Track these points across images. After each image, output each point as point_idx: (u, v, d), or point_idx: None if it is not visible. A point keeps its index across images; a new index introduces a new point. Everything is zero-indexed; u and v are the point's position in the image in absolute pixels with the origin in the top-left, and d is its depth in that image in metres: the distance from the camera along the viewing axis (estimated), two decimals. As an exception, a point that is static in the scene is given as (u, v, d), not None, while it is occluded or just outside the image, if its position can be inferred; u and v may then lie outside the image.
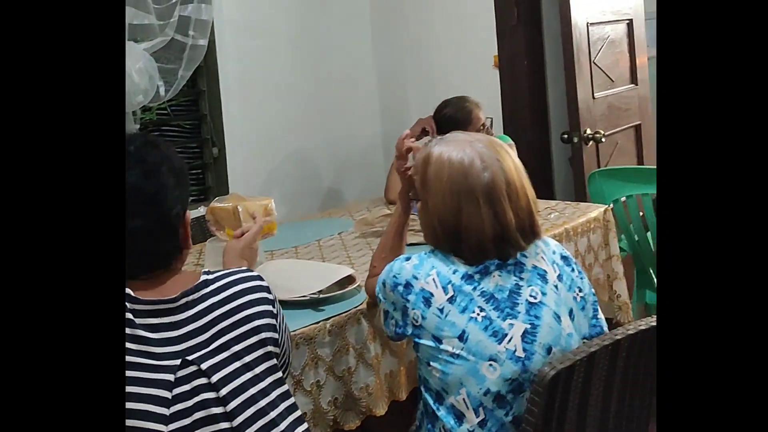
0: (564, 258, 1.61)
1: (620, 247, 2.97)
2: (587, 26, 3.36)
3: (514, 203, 1.51)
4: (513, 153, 1.60)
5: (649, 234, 2.92)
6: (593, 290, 1.65)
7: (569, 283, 1.58)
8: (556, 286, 1.54)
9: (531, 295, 1.51)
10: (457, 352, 1.48)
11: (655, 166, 3.47)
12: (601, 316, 1.64)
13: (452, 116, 2.92)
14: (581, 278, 1.61)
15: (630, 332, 1.55)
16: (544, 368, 1.44)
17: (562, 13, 3.28)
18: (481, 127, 2.91)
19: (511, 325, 1.48)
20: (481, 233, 1.49)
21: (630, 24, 3.73)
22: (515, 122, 3.46)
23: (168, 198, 1.34)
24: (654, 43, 5.43)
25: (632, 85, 3.71)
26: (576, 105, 3.25)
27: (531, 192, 1.56)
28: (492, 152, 1.53)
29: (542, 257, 1.56)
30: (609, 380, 1.54)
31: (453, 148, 1.54)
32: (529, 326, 1.49)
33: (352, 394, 1.84)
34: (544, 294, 1.52)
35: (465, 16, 3.63)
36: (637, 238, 2.96)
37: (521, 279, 1.52)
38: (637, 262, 3.04)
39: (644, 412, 1.66)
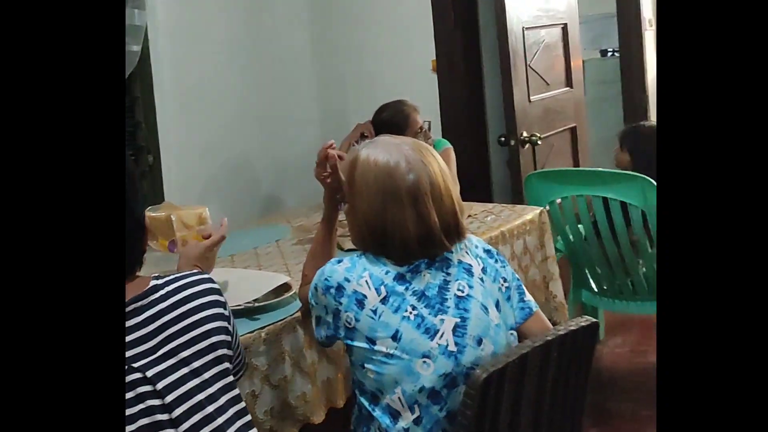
0: (487, 251, 1.66)
1: (556, 248, 3.03)
2: (523, 30, 3.41)
3: (438, 205, 1.55)
4: (440, 157, 1.62)
5: (583, 234, 2.97)
6: (517, 276, 1.69)
7: (494, 275, 1.62)
8: (481, 279, 1.59)
9: (459, 289, 1.55)
10: (391, 351, 1.50)
11: (589, 168, 3.50)
12: (528, 297, 1.68)
13: (390, 120, 2.92)
14: (504, 267, 1.66)
15: (561, 333, 1.57)
16: (477, 371, 1.45)
17: (498, 18, 3.32)
18: (419, 131, 2.92)
19: (442, 320, 1.52)
20: (406, 234, 1.52)
21: (565, 28, 3.79)
22: (453, 126, 3.49)
23: (140, 200, 1.39)
24: (588, 45, 5.52)
25: (567, 88, 3.78)
26: (512, 108, 3.29)
27: (456, 195, 1.60)
28: (418, 155, 1.56)
29: (466, 252, 1.61)
30: (541, 380, 1.56)
31: (379, 151, 1.57)
32: (459, 320, 1.53)
33: (288, 402, 1.83)
34: (471, 287, 1.56)
35: (403, 20, 3.65)
36: (572, 239, 3.01)
37: (448, 274, 1.56)
38: (573, 263, 3.10)
39: (577, 410, 1.67)
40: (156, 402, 1.26)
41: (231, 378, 1.36)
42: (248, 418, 1.37)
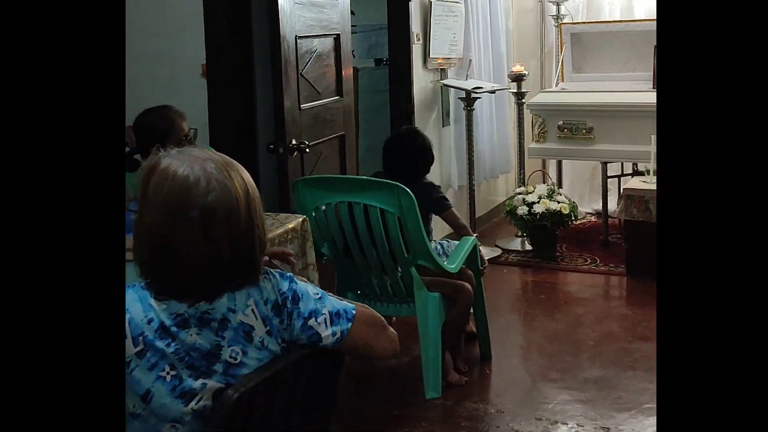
0: (276, 307, 1.50)
1: (323, 253, 3.14)
2: (296, 39, 3.47)
3: (234, 233, 1.42)
4: (251, 182, 1.49)
5: (346, 240, 3.10)
6: (320, 308, 1.53)
7: (278, 339, 1.50)
8: (262, 342, 1.48)
9: (231, 356, 1.44)
10: (139, 411, 1.40)
11: (351, 176, 3.64)
12: (336, 326, 1.53)
13: (152, 126, 2.85)
14: (286, 328, 1.51)
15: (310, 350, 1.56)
16: (228, 391, 1.41)
17: (271, 26, 3.35)
18: (184, 138, 2.89)
19: (204, 384, 1.42)
20: (190, 259, 1.40)
21: (337, 38, 3.90)
22: (222, 133, 3.49)
23: None
24: (364, 54, 5.72)
25: (338, 97, 3.90)
26: (282, 116, 3.34)
27: (259, 226, 1.47)
28: (222, 175, 1.42)
29: (252, 310, 1.47)
30: (291, 398, 1.56)
31: (181, 163, 1.43)
32: (223, 386, 1.43)
33: None
34: (245, 354, 1.46)
35: (173, 23, 3.58)
36: (336, 244, 3.14)
37: (222, 338, 1.44)
38: (338, 267, 3.23)
39: (326, 420, 1.69)
40: None
41: None
42: None
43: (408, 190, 2.95)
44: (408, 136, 3.42)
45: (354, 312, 1.56)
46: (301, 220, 2.82)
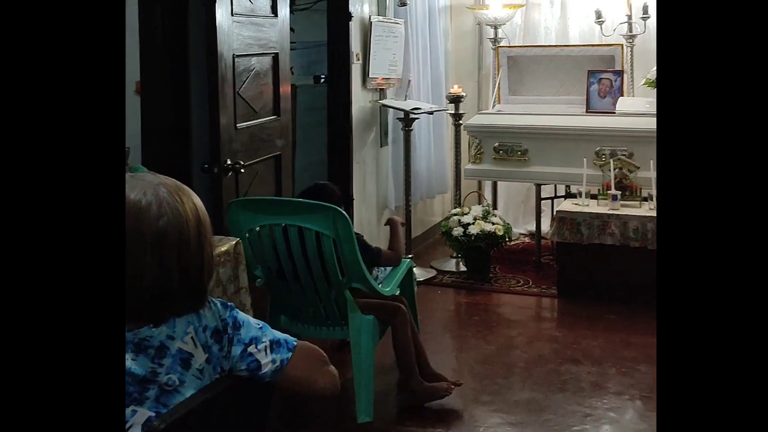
0: (215, 333, 1.50)
1: (256, 275, 3.12)
2: (233, 57, 3.45)
3: (185, 259, 1.43)
4: (202, 207, 1.48)
5: (280, 263, 3.09)
6: (259, 337, 1.54)
7: (218, 367, 1.51)
8: (200, 370, 1.47)
9: (167, 384, 1.43)
10: None
11: (287, 198, 3.61)
12: (276, 355, 1.53)
13: None
14: (226, 356, 1.51)
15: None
16: (155, 422, 1.39)
17: (208, 43, 3.32)
18: (115, 158, 2.84)
19: (134, 411, 1.40)
20: (139, 284, 1.39)
21: (276, 57, 3.90)
22: (155, 151, 3.43)
23: None
24: (302, 71, 5.70)
25: (275, 116, 3.88)
26: (218, 135, 3.31)
27: (208, 252, 1.48)
28: (174, 200, 1.43)
29: (192, 338, 1.47)
30: (221, 426, 1.52)
31: (133, 188, 1.42)
32: (153, 414, 1.41)
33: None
34: (183, 381, 1.45)
35: (106, 37, 3.51)
36: (270, 267, 3.12)
37: (160, 365, 1.43)
38: (270, 290, 3.21)
39: None
40: None
41: None
42: None
43: (343, 212, 2.96)
44: (318, 195, 3.21)
45: (295, 343, 1.57)
46: (234, 242, 2.80)
